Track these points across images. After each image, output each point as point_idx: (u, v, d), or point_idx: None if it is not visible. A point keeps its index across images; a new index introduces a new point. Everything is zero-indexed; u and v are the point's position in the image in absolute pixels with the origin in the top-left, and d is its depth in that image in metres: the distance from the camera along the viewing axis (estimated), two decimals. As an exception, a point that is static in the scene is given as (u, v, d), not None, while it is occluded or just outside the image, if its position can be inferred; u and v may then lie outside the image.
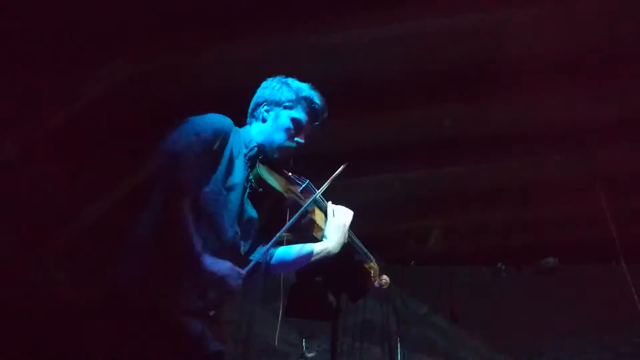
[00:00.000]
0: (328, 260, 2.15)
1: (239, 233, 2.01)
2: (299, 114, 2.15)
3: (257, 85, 3.62)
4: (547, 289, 5.47)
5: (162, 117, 3.88)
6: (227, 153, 1.99)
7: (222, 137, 1.98)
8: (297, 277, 3.84)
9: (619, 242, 3.88)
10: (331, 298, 5.61)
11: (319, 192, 2.10)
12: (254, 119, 2.21)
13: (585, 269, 5.46)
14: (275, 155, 2.13)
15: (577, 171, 4.51)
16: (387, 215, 4.94)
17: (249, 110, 2.24)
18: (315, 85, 2.29)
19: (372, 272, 2.35)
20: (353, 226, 2.23)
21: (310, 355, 4.73)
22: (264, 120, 2.17)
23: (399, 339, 5.30)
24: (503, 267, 5.61)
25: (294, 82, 2.21)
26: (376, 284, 2.36)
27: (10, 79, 3.08)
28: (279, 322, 2.09)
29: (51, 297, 4.17)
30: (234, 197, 1.99)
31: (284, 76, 2.25)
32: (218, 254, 1.91)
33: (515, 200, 4.90)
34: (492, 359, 5.35)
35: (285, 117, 2.14)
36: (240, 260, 2.00)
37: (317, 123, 2.20)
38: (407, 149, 4.30)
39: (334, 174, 2.12)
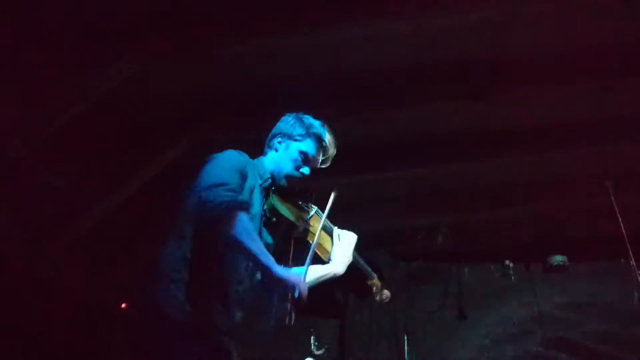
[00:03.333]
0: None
1: None
2: (307, 147, 2.34)
3: (263, 83, 3.66)
4: (555, 286, 5.45)
5: (168, 114, 3.91)
6: (248, 185, 2.17)
7: (244, 171, 2.17)
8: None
9: (628, 239, 3.85)
10: (339, 296, 5.64)
11: (324, 218, 2.28)
12: (268, 149, 2.41)
13: (594, 266, 5.43)
14: (282, 183, 2.31)
15: (586, 167, 4.49)
16: (394, 212, 4.94)
17: (267, 140, 2.43)
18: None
19: (375, 288, 2.53)
20: (357, 247, 2.38)
21: (318, 352, 4.74)
22: (276, 150, 2.37)
23: (406, 336, 5.30)
24: (511, 265, 5.59)
25: (307, 119, 2.40)
26: (377, 298, 2.53)
27: (18, 78, 3.11)
28: (288, 319, 2.17)
29: (60, 293, 4.20)
30: (255, 226, 2.16)
31: (302, 113, 2.42)
32: (242, 280, 2.13)
33: (524, 197, 4.89)
34: (500, 356, 5.33)
35: (294, 149, 2.34)
36: (256, 285, 2.18)
37: (323, 158, 2.39)
38: (414, 146, 4.30)
39: (330, 200, 2.30)
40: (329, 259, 2.34)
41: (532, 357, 5.25)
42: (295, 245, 2.26)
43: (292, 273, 2.02)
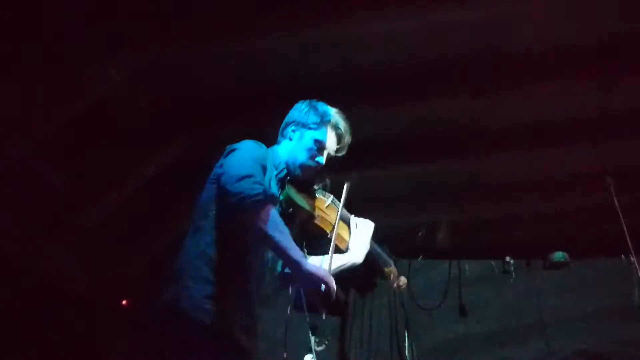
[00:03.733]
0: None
1: None
2: (322, 136, 2.27)
3: (263, 79, 3.65)
4: (555, 283, 5.44)
5: (167, 112, 3.91)
6: (267, 177, 2.11)
7: (264, 163, 2.11)
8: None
9: (629, 236, 3.85)
10: (339, 292, 5.64)
11: (340, 207, 2.24)
12: (282, 138, 2.36)
13: (595, 263, 5.43)
14: (297, 173, 2.25)
15: (587, 164, 4.48)
16: (394, 209, 4.93)
17: (280, 129, 2.38)
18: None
19: (392, 275, 2.52)
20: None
21: (319, 349, 4.74)
22: (290, 140, 2.32)
23: (407, 333, 5.30)
24: (512, 261, 5.58)
25: (321, 107, 2.35)
26: (394, 285, 2.53)
27: (17, 76, 3.10)
28: (289, 313, 2.22)
29: (61, 292, 4.20)
30: None
31: (315, 100, 2.37)
32: (260, 275, 2.09)
33: (524, 194, 4.88)
34: (501, 353, 5.33)
35: (308, 137, 2.27)
36: (275, 279, 2.18)
37: (339, 147, 2.33)
38: (415, 143, 4.29)
39: (346, 189, 2.27)
40: (347, 248, 2.30)
41: (533, 353, 5.25)
42: (312, 236, 2.23)
43: (320, 268, 1.96)
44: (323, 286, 1.90)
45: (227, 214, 1.97)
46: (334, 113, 2.33)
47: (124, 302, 4.91)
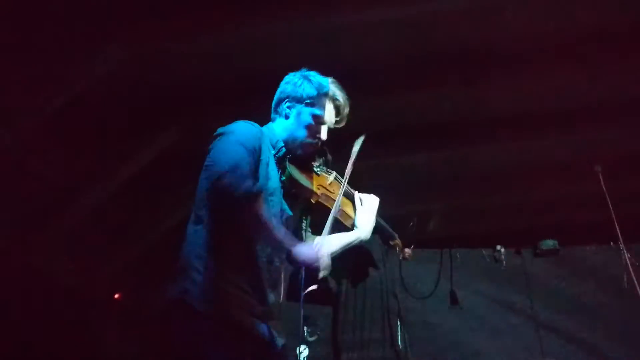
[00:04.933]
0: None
1: None
2: (321, 110, 2.16)
3: (255, 70, 3.62)
4: (546, 270, 5.49)
5: (157, 101, 3.88)
6: (263, 160, 2.03)
7: (258, 145, 2.02)
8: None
9: (617, 223, 3.89)
10: (332, 282, 5.65)
11: (344, 184, 2.18)
12: (277, 115, 2.24)
13: (584, 250, 5.48)
14: (299, 152, 2.17)
15: (576, 153, 4.51)
16: (385, 199, 4.93)
17: (273, 105, 2.26)
18: (314, 68, 2.28)
19: (398, 247, 2.58)
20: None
21: (311, 339, 4.75)
22: (286, 117, 2.19)
23: (399, 323, 5.33)
24: (502, 250, 5.62)
25: (315, 78, 2.22)
26: (400, 257, 2.60)
27: (5, 67, 3.06)
28: (279, 305, 2.17)
29: (53, 285, 4.18)
30: (276, 200, 2.06)
31: (306, 69, 2.26)
32: (270, 260, 2.02)
33: (514, 183, 4.90)
34: (492, 342, 5.38)
35: (307, 114, 2.16)
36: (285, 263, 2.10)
37: (338, 118, 2.23)
38: (405, 133, 4.29)
39: (350, 164, 2.20)
40: (353, 225, 2.26)
41: (525, 341, 5.30)
42: (318, 213, 2.17)
43: (308, 250, 1.91)
44: (323, 263, 1.91)
45: (221, 209, 1.94)
46: (329, 84, 2.21)
47: (116, 295, 4.90)
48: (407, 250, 2.58)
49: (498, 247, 5.64)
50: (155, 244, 4.67)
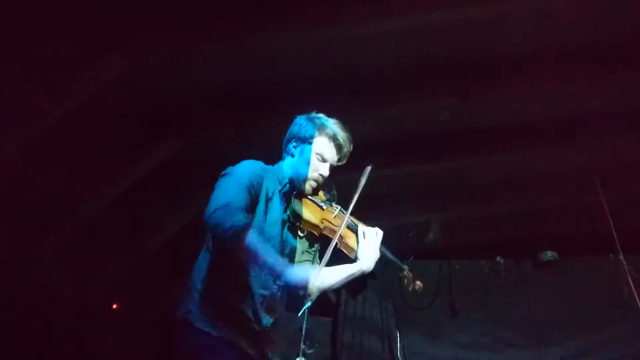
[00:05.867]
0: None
1: None
2: (322, 148, 2.31)
3: (256, 80, 3.63)
4: (545, 281, 5.48)
5: (158, 112, 3.88)
6: (263, 194, 2.20)
7: (257, 182, 2.19)
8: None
9: (616, 234, 3.88)
10: (331, 294, 5.64)
11: (346, 217, 2.28)
12: (286, 154, 2.40)
13: (583, 261, 5.48)
14: (303, 187, 2.30)
15: (575, 164, 4.52)
16: (384, 209, 4.94)
17: (283, 145, 2.42)
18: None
19: (406, 280, 2.54)
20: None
21: (310, 351, 4.73)
22: (292, 156, 2.37)
23: (398, 334, 5.31)
24: (502, 261, 5.62)
25: (318, 119, 2.37)
26: (410, 289, 2.55)
27: (3, 77, 3.07)
28: (276, 327, 2.27)
29: (51, 295, 4.16)
30: (275, 232, 2.23)
31: (314, 112, 2.39)
32: (265, 286, 2.19)
33: (514, 194, 4.90)
34: (492, 352, 5.36)
35: (309, 152, 2.32)
36: (283, 287, 2.23)
37: (340, 156, 2.36)
38: (405, 143, 4.30)
39: (353, 200, 2.29)
40: (356, 257, 2.34)
41: (523, 351, 5.28)
42: (323, 246, 2.28)
43: (299, 274, 2.03)
44: (301, 292, 2.05)
45: (215, 242, 2.14)
46: (331, 124, 2.35)
47: (114, 305, 4.88)
48: (417, 282, 2.54)
49: (497, 258, 5.63)
50: (153, 254, 4.65)
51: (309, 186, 2.31)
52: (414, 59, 3.61)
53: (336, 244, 2.22)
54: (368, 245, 2.35)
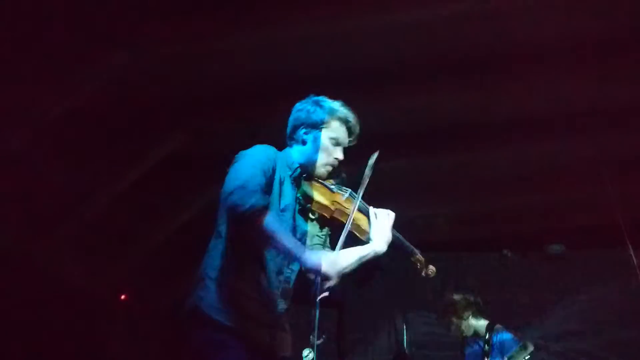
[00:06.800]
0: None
1: None
2: (336, 132, 2.32)
3: (259, 74, 3.64)
4: (553, 275, 5.47)
5: (164, 106, 3.90)
6: (276, 179, 2.19)
7: (271, 166, 2.17)
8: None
9: (625, 227, 3.87)
10: (337, 285, 5.65)
11: (358, 199, 2.26)
12: (294, 142, 2.37)
13: (591, 254, 5.46)
14: (318, 172, 2.31)
15: (583, 156, 4.50)
16: (392, 203, 4.93)
17: (288, 133, 2.40)
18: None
19: (419, 264, 2.54)
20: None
21: (318, 342, 4.75)
22: (304, 143, 2.34)
23: (405, 327, 5.32)
24: (509, 254, 5.61)
25: (326, 103, 2.36)
26: (423, 274, 2.55)
27: (14, 72, 3.09)
28: (288, 313, 2.27)
29: (58, 286, 4.20)
30: (288, 216, 2.21)
31: (313, 95, 2.38)
32: (280, 271, 2.17)
33: (521, 187, 4.89)
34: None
35: (323, 137, 2.31)
36: (298, 272, 2.22)
37: (351, 138, 2.36)
38: (412, 136, 4.30)
39: (363, 181, 2.29)
40: (368, 239, 2.32)
41: (533, 344, 5.28)
42: (333, 229, 2.28)
43: (316, 258, 2.01)
44: (332, 271, 2.01)
45: (233, 223, 2.09)
46: (340, 107, 2.35)
47: (122, 296, 4.93)
48: (431, 267, 2.54)
49: (505, 252, 5.63)
50: (161, 245, 4.69)
51: (325, 170, 2.32)
52: (418, 53, 3.60)
53: (346, 224, 2.20)
54: (380, 226, 2.33)
